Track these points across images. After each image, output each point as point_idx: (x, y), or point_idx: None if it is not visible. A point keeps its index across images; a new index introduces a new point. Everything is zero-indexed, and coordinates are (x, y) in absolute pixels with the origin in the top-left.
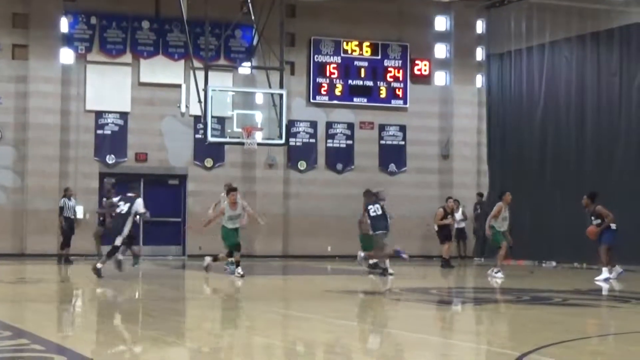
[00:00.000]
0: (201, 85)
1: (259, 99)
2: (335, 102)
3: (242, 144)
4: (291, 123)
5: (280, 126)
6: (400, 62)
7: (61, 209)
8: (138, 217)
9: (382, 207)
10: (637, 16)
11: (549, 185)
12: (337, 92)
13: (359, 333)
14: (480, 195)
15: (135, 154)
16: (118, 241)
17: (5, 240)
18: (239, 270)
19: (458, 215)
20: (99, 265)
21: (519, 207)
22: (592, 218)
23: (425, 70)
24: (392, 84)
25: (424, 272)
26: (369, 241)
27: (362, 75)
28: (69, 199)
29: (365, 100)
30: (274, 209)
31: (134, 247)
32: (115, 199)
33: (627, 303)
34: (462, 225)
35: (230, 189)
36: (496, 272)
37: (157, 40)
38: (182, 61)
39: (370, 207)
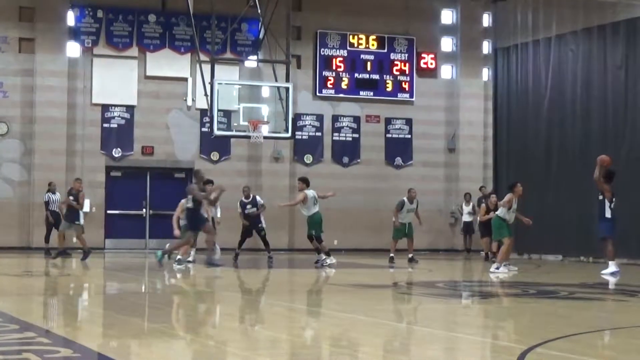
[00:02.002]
0: (207, 79)
1: (265, 92)
2: (341, 95)
3: (249, 137)
4: (297, 116)
5: (286, 119)
6: (406, 55)
7: (46, 203)
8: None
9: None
10: None
11: (555, 178)
12: (344, 85)
13: (365, 327)
14: (483, 188)
15: (142, 147)
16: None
17: (11, 233)
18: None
19: (468, 209)
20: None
21: (525, 200)
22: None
23: (431, 64)
24: (398, 78)
25: (430, 266)
26: None
27: (368, 68)
28: (54, 193)
29: (372, 93)
30: (280, 202)
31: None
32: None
33: (634, 297)
34: (470, 219)
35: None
36: (497, 268)
37: (164, 33)
38: (189, 54)
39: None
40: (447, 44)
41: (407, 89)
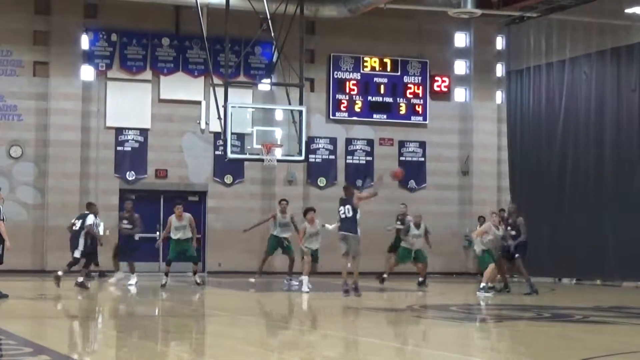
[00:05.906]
0: (221, 102)
1: (279, 115)
2: (354, 118)
3: (262, 160)
4: (311, 139)
5: (299, 142)
6: (419, 78)
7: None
8: None
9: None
10: None
11: (569, 202)
12: (357, 108)
13: (380, 350)
14: (502, 211)
15: (155, 170)
16: None
17: (25, 256)
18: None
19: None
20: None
21: (539, 223)
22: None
23: (445, 87)
24: (411, 101)
25: (444, 289)
26: None
27: (382, 91)
28: (96, 217)
29: (385, 116)
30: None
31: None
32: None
33: None
34: None
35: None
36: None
37: (177, 57)
38: (202, 78)
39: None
40: (460, 66)
41: (420, 112)
